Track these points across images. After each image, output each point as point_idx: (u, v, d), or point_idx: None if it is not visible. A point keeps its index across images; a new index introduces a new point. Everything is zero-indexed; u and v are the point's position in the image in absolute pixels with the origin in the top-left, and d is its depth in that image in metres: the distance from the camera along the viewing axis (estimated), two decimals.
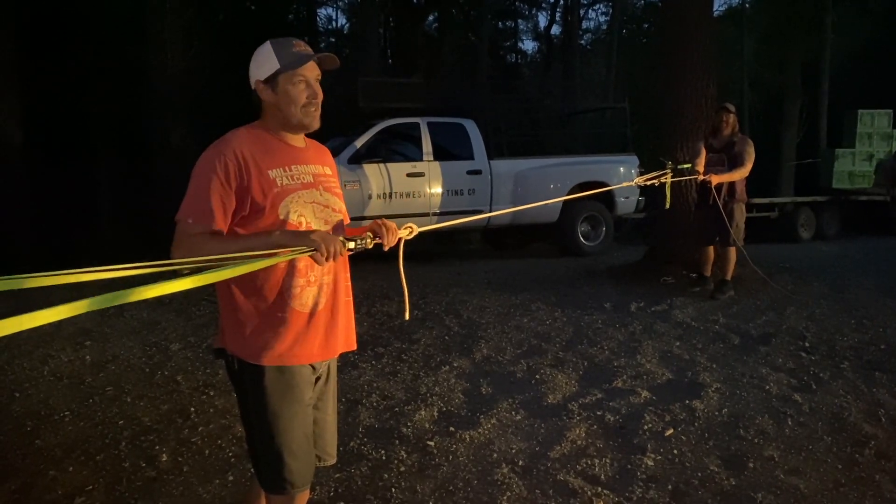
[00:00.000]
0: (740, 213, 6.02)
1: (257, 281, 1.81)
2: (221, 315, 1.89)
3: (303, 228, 1.81)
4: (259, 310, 1.82)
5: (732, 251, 5.98)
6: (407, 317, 2.04)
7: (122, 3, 11.76)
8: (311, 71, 1.86)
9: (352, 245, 1.75)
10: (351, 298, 1.99)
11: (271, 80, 1.84)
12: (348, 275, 1.97)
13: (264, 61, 1.84)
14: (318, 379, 1.96)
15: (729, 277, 6.02)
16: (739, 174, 5.80)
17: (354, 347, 2.02)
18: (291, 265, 1.81)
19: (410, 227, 1.88)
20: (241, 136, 1.84)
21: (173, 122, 10.25)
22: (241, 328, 1.83)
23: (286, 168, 1.84)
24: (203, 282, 1.42)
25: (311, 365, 1.90)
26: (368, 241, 1.79)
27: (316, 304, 1.87)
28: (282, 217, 1.80)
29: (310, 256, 1.69)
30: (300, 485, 1.87)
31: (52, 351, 4.52)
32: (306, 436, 1.89)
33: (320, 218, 1.86)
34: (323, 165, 1.95)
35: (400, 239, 1.86)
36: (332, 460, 2.07)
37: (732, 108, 6.00)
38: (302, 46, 1.87)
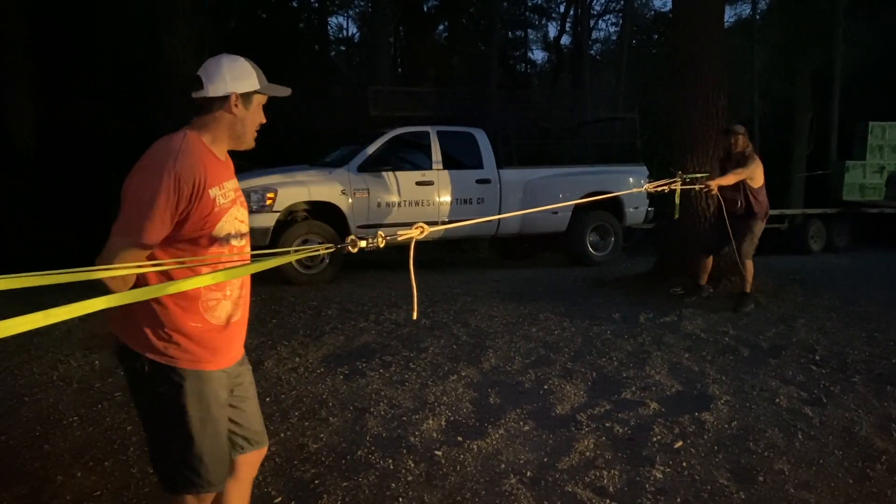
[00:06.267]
0: (759, 228, 5.97)
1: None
2: (132, 316, 1.81)
3: (225, 248, 1.83)
4: (176, 317, 1.81)
5: (749, 264, 5.94)
6: (415, 316, 2.05)
7: (133, 11, 11.88)
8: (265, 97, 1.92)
9: (363, 244, 1.76)
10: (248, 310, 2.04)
11: (247, 97, 1.85)
12: (249, 288, 2.02)
13: (245, 76, 1.84)
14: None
15: (749, 290, 5.98)
16: (734, 177, 5.70)
17: (242, 353, 2.05)
18: None
19: (421, 227, 1.88)
20: (195, 152, 1.79)
21: None
22: (160, 332, 1.80)
23: (221, 186, 1.84)
24: (210, 281, 1.41)
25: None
26: (380, 240, 1.80)
27: (230, 317, 1.91)
28: (218, 235, 1.81)
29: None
30: (217, 483, 1.88)
31: (62, 356, 4.55)
32: (224, 436, 1.93)
33: (237, 233, 1.88)
34: (235, 179, 1.97)
35: (411, 238, 1.87)
36: (265, 443, 2.11)
37: (740, 129, 5.95)
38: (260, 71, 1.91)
